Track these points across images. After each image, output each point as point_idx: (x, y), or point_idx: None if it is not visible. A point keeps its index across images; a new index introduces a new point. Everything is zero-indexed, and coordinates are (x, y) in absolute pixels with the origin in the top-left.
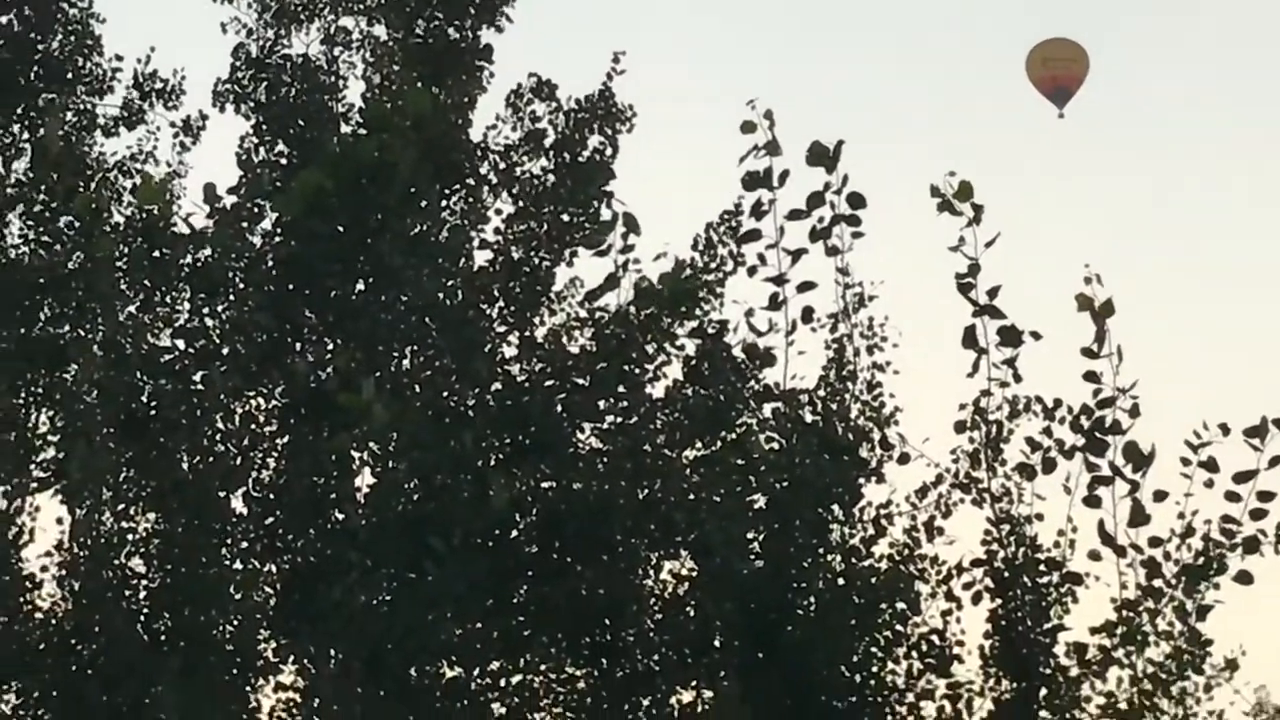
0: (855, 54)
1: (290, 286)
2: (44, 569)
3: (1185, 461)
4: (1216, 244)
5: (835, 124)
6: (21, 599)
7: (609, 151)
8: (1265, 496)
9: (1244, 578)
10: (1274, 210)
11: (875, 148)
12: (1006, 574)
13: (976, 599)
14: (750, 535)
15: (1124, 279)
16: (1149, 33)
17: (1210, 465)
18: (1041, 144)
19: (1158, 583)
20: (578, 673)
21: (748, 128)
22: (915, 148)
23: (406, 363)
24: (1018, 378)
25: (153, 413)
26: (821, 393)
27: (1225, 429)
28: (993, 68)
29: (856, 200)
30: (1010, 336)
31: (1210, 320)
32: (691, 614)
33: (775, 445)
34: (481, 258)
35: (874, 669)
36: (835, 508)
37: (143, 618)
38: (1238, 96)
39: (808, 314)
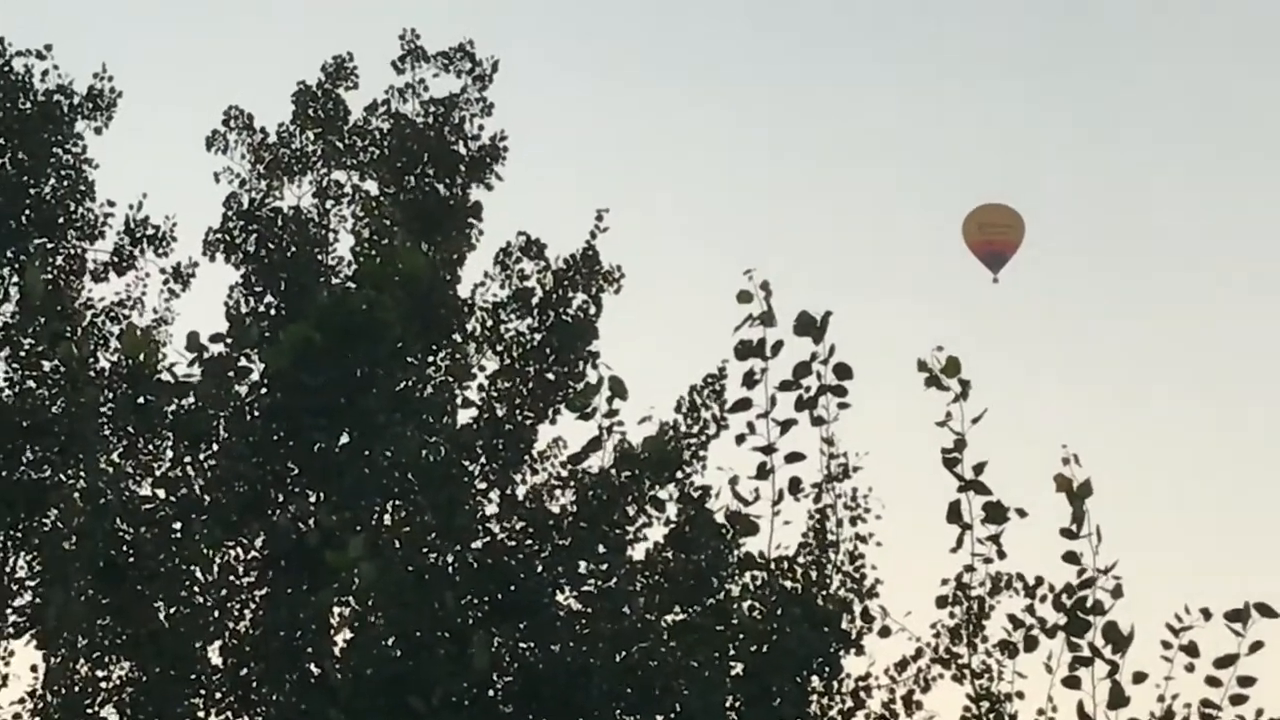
0: (824, 219)
1: (275, 438)
2: (16, 716)
3: (1166, 644)
4: (1190, 420)
5: (805, 288)
6: None
7: (593, 310)
8: (1245, 682)
9: None
10: (1239, 381)
11: (853, 314)
12: None
13: None
14: (729, 703)
15: (1102, 453)
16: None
17: (1191, 649)
18: (1013, 314)
19: None
20: None
21: (744, 297)
22: (886, 319)
23: (388, 519)
24: (1001, 554)
25: (131, 561)
26: (802, 561)
27: (1206, 613)
28: (928, 234)
29: (843, 371)
30: (995, 513)
31: (1192, 500)
32: None
33: (756, 613)
34: (465, 415)
35: None
36: (815, 678)
37: None
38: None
39: (795, 485)
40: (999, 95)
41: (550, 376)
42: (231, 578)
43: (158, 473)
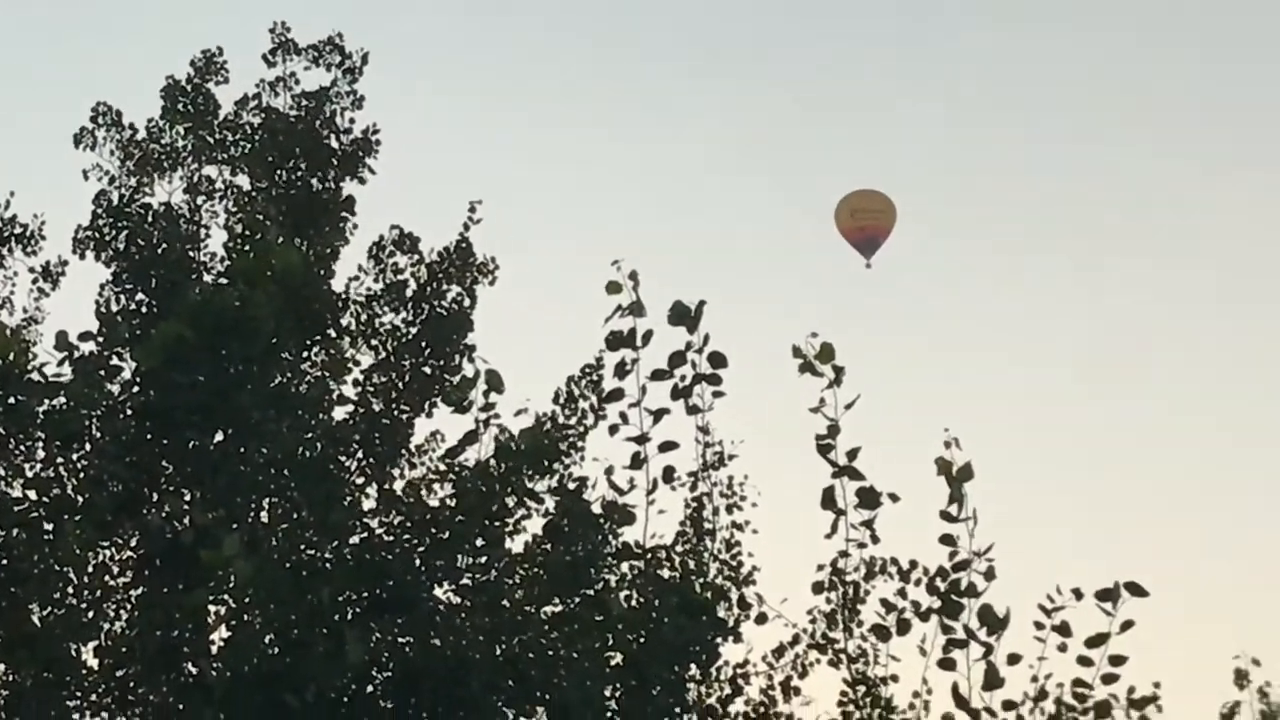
0: (695, 207)
1: (148, 437)
2: None
3: (1039, 625)
4: (1065, 401)
5: (682, 279)
6: None
7: (467, 303)
8: (1117, 660)
9: None
10: (1115, 363)
11: (727, 303)
12: None
13: None
14: (607, 693)
15: (974, 436)
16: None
17: (1063, 629)
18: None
19: None
20: None
21: (613, 288)
22: (760, 307)
23: (264, 515)
24: (875, 539)
25: (3, 563)
26: (679, 550)
27: (1078, 593)
28: (800, 222)
29: (717, 360)
30: (869, 498)
31: (1064, 480)
32: None
33: (634, 603)
34: (341, 410)
35: None
36: (693, 666)
37: None
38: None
39: (669, 474)
40: (866, 79)
41: (426, 370)
42: (106, 578)
43: (29, 474)
